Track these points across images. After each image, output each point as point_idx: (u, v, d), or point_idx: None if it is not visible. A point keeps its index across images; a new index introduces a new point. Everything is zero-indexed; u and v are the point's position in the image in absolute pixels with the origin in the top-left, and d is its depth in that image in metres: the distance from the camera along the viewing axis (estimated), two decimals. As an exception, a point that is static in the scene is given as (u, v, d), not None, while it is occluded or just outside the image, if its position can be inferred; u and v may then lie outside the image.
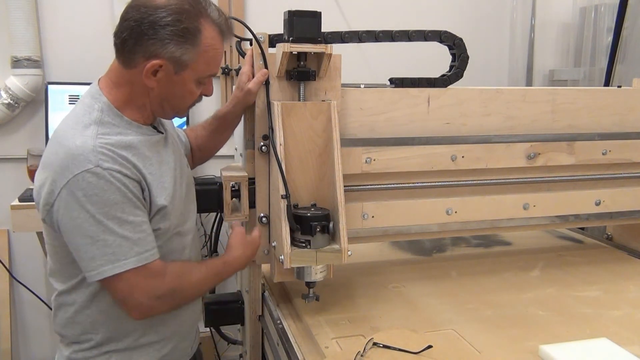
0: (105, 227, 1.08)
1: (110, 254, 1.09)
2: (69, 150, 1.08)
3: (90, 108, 1.16)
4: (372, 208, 1.47)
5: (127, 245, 1.10)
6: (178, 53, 1.12)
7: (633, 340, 1.25)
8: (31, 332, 2.66)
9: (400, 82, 1.49)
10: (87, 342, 1.23)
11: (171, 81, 1.16)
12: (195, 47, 1.13)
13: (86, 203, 1.07)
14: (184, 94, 1.20)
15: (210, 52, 1.16)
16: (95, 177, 1.06)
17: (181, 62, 1.14)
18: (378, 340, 1.16)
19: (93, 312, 1.21)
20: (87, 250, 1.09)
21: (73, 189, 1.07)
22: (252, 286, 1.52)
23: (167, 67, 1.13)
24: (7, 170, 2.50)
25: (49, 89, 2.39)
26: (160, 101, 1.20)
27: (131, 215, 1.11)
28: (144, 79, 1.14)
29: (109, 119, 1.15)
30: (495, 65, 3.07)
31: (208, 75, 1.21)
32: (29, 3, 2.36)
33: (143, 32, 1.11)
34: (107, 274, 1.10)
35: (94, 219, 1.07)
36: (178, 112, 1.26)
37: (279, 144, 1.29)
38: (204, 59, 1.16)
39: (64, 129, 1.14)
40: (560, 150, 1.59)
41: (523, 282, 1.61)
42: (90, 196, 1.07)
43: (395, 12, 2.87)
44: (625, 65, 2.41)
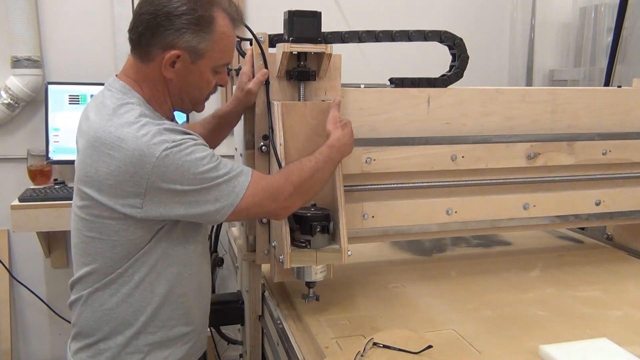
0: (208, 177, 1.13)
1: (228, 186, 1.14)
2: (138, 141, 1.09)
3: (129, 103, 1.16)
4: (372, 208, 1.47)
5: (233, 174, 1.15)
6: (194, 42, 1.14)
7: (633, 340, 1.24)
8: (31, 332, 2.66)
9: (400, 82, 1.49)
10: (121, 335, 1.22)
11: (189, 71, 1.18)
12: (210, 35, 1.15)
13: (182, 172, 1.10)
14: (201, 84, 1.22)
15: (225, 40, 1.18)
16: (176, 149, 1.10)
17: (198, 51, 1.15)
18: (378, 340, 1.16)
19: (130, 304, 1.21)
20: (207, 199, 1.14)
21: (163, 169, 1.09)
22: (252, 286, 1.52)
23: (185, 57, 1.15)
24: (7, 170, 2.50)
25: (49, 89, 2.39)
26: (179, 92, 1.22)
27: (214, 161, 1.15)
28: (163, 71, 1.16)
29: (149, 112, 1.17)
30: (495, 65, 3.07)
31: (223, 64, 1.22)
32: (29, 3, 2.36)
33: (159, 24, 1.12)
34: (237, 201, 1.15)
35: (197, 178, 1.11)
36: (196, 104, 1.27)
37: (279, 144, 1.29)
38: (219, 47, 1.17)
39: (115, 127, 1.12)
40: (560, 150, 1.59)
41: (523, 282, 1.61)
42: (181, 164, 1.10)
43: (395, 12, 2.87)
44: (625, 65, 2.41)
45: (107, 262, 1.19)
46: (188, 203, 1.14)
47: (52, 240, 2.52)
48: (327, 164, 1.27)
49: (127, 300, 1.21)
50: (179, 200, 1.13)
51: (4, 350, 2.53)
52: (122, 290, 1.21)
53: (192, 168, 1.11)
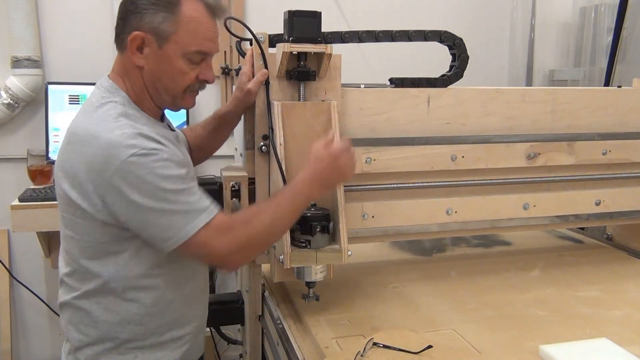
0: (167, 200, 1.09)
1: (182, 219, 1.10)
2: (108, 140, 1.08)
3: (112, 102, 1.15)
4: (372, 208, 1.47)
5: (192, 208, 1.11)
6: (156, 22, 1.12)
7: (633, 340, 1.24)
8: (31, 332, 2.66)
9: (400, 82, 1.49)
10: (110, 342, 1.22)
11: (158, 57, 1.15)
12: (174, 16, 1.12)
13: (142, 184, 1.07)
14: (173, 72, 1.16)
15: (193, 24, 1.14)
16: (144, 158, 1.07)
17: (160, 32, 1.13)
18: (378, 340, 1.16)
19: (124, 309, 1.20)
20: (159, 223, 1.10)
21: (124, 175, 1.07)
22: (252, 286, 1.52)
23: (150, 41, 1.13)
24: (7, 170, 2.50)
25: (49, 89, 2.39)
26: (153, 82, 1.18)
27: (182, 183, 1.11)
28: (132, 57, 1.15)
29: (132, 112, 1.16)
30: (495, 65, 3.07)
31: (195, 51, 1.16)
32: (29, 3, 2.36)
33: (127, 10, 1.14)
34: (184, 239, 1.10)
35: (155, 195, 1.08)
36: (175, 98, 1.21)
37: (279, 144, 1.29)
38: (185, 31, 1.13)
39: (91, 123, 1.12)
40: (560, 150, 1.59)
41: (523, 282, 1.61)
42: (143, 176, 1.07)
43: (395, 12, 2.87)
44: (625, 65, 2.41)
45: (82, 264, 1.19)
46: (139, 220, 1.11)
47: (52, 240, 2.51)
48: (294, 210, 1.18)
49: (112, 309, 1.20)
50: (133, 213, 1.10)
51: (4, 350, 2.53)
52: (105, 299, 1.19)
53: (155, 182, 1.08)
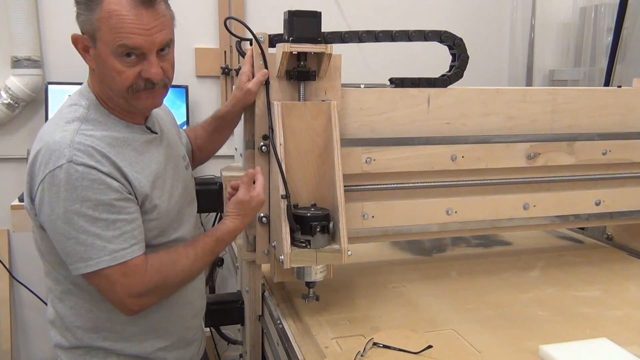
0: (76, 225, 1.06)
1: (83, 252, 1.07)
2: (47, 144, 1.07)
3: (77, 105, 1.15)
4: (372, 208, 1.47)
5: (100, 244, 1.07)
6: (85, 24, 1.10)
7: (633, 340, 1.24)
8: (31, 332, 2.66)
9: (400, 82, 1.49)
10: (84, 348, 1.22)
11: (96, 57, 1.12)
12: (94, 15, 1.08)
13: (58, 200, 1.05)
14: (110, 72, 1.11)
15: (114, 19, 1.07)
16: (66, 174, 1.04)
17: (89, 33, 1.10)
18: (378, 340, 1.16)
19: (95, 315, 1.20)
20: (62, 247, 1.09)
21: (49, 185, 1.06)
22: (252, 286, 1.52)
23: (87, 41, 1.12)
24: (7, 170, 2.51)
25: (49, 89, 2.39)
26: (102, 84, 1.16)
27: (104, 212, 1.07)
28: (84, 60, 1.15)
29: (96, 116, 1.14)
30: (495, 65, 3.07)
31: (119, 46, 1.08)
32: (29, 3, 2.36)
33: None
34: (82, 271, 1.09)
35: (65, 216, 1.05)
36: (126, 99, 1.14)
37: (279, 144, 1.29)
38: (107, 27, 1.07)
39: (47, 125, 1.14)
40: (560, 150, 1.59)
41: (523, 282, 1.61)
42: (61, 192, 1.05)
43: (395, 12, 2.87)
44: (625, 65, 2.41)
45: (52, 267, 1.19)
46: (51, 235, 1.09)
47: (52, 240, 2.52)
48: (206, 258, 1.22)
49: (84, 315, 1.20)
50: (46, 224, 1.08)
51: (4, 350, 2.53)
52: (75, 304, 1.20)
53: (69, 201, 1.04)
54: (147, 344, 1.24)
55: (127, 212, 1.11)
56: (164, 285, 1.17)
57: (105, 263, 1.08)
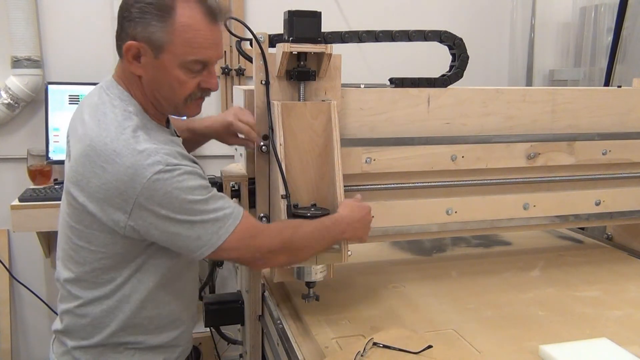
0: (195, 211, 1.10)
1: (212, 226, 1.11)
2: (132, 159, 1.06)
3: (127, 111, 1.14)
4: (372, 208, 1.45)
5: (220, 214, 1.12)
6: (148, 32, 1.09)
7: (633, 340, 1.24)
8: (31, 332, 2.66)
9: (400, 82, 1.49)
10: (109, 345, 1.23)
11: (154, 67, 1.12)
12: (167, 26, 1.08)
13: (170, 199, 1.08)
14: (171, 82, 1.14)
15: (189, 33, 1.10)
16: (169, 174, 1.07)
17: (154, 42, 1.10)
18: (378, 340, 1.16)
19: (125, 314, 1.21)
20: (190, 234, 1.11)
21: (152, 192, 1.07)
22: (252, 286, 1.52)
23: (146, 50, 1.11)
24: (7, 170, 2.50)
25: (49, 89, 2.39)
26: (152, 91, 1.17)
27: (207, 193, 1.12)
28: (129, 67, 1.13)
29: (146, 122, 1.15)
30: (495, 65, 3.07)
31: (193, 60, 1.12)
32: (29, 3, 2.36)
33: (123, 17, 1.11)
34: (218, 244, 1.12)
35: (183, 209, 1.09)
36: (176, 107, 1.19)
37: (279, 144, 1.29)
38: (181, 40, 1.09)
39: (111, 138, 1.09)
40: (560, 150, 1.59)
41: (523, 282, 1.61)
42: (171, 192, 1.07)
43: (395, 12, 2.87)
44: (625, 65, 2.41)
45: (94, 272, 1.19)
46: (170, 233, 1.11)
47: (52, 240, 2.52)
48: (325, 237, 1.23)
49: (115, 313, 1.21)
50: (162, 226, 1.10)
51: (4, 350, 2.53)
52: (110, 305, 1.20)
53: (182, 196, 1.08)
54: (163, 336, 1.27)
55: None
56: (290, 244, 1.19)
57: (232, 225, 1.13)
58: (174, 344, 1.30)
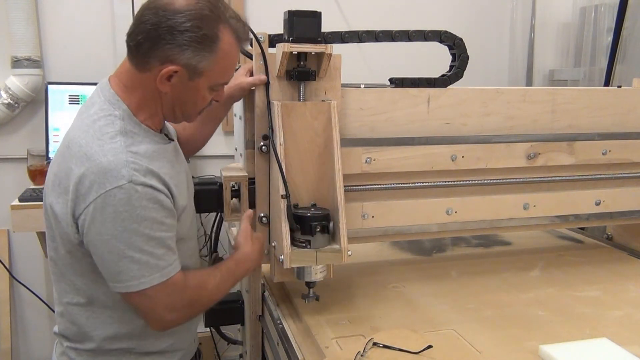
0: (132, 244, 1.06)
1: (136, 270, 1.08)
2: (100, 164, 1.05)
3: (112, 116, 1.12)
4: (372, 208, 1.47)
5: (153, 262, 1.09)
6: (195, 60, 1.10)
7: (633, 340, 1.24)
8: (31, 332, 2.66)
9: (400, 82, 1.49)
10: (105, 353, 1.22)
11: (185, 87, 1.14)
12: (212, 55, 1.11)
13: (116, 219, 1.05)
14: (196, 100, 1.18)
15: (227, 60, 1.15)
16: (127, 194, 1.04)
17: (197, 69, 1.11)
18: (378, 340, 1.16)
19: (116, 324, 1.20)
20: (114, 265, 1.08)
21: (104, 204, 1.04)
22: (252, 286, 1.52)
23: (182, 73, 1.11)
24: (7, 170, 2.50)
25: (49, 89, 2.39)
26: (172, 106, 1.18)
27: (158, 230, 1.09)
28: (158, 84, 1.12)
29: (131, 128, 1.13)
30: (495, 65, 3.07)
31: (222, 83, 1.20)
32: (29, 3, 2.36)
33: (160, 37, 1.07)
34: (132, 290, 1.09)
35: (122, 235, 1.06)
36: (189, 118, 1.23)
37: (279, 144, 1.29)
38: (219, 67, 1.14)
39: (86, 139, 1.09)
40: (560, 150, 1.59)
41: (523, 282, 1.61)
42: (120, 212, 1.05)
43: (395, 12, 2.87)
44: (625, 65, 2.41)
45: (68, 277, 1.18)
46: (99, 254, 1.09)
47: (52, 240, 2.52)
48: (230, 280, 1.27)
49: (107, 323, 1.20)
50: (95, 244, 1.08)
51: (4, 350, 2.53)
52: (101, 314, 1.19)
53: (126, 222, 1.05)
54: (160, 342, 1.26)
55: (173, 228, 1.14)
56: (198, 302, 1.20)
57: (157, 280, 1.09)
58: (173, 349, 1.29)
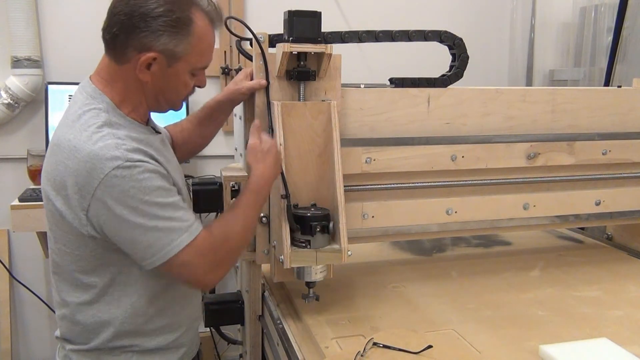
0: (150, 215, 1.07)
1: (165, 237, 1.08)
2: (91, 152, 1.06)
3: (96, 109, 1.13)
4: (372, 208, 1.47)
5: (177, 225, 1.09)
6: (171, 45, 1.10)
7: (633, 340, 1.25)
8: (31, 332, 2.66)
9: (400, 82, 1.49)
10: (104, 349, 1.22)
11: (165, 74, 1.14)
12: (187, 38, 1.11)
13: (126, 198, 1.06)
14: (178, 86, 1.17)
15: (204, 42, 1.14)
16: (128, 171, 1.05)
17: (175, 54, 1.11)
18: (378, 340, 1.16)
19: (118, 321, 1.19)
20: (142, 240, 1.08)
21: (108, 188, 1.05)
22: (252, 286, 1.52)
23: (161, 60, 1.11)
24: (7, 170, 2.50)
25: (49, 89, 2.39)
26: (155, 95, 1.18)
27: (168, 196, 1.10)
28: (138, 73, 1.13)
29: (116, 120, 1.13)
30: (495, 65, 3.07)
31: (202, 67, 1.18)
32: (29, 3, 2.36)
33: (134, 25, 1.08)
34: (168, 256, 1.09)
35: (138, 210, 1.06)
36: (174, 105, 1.23)
37: (279, 144, 1.29)
38: (197, 50, 1.14)
39: (73, 133, 1.10)
40: (560, 150, 1.59)
41: (523, 282, 1.61)
42: (128, 190, 1.05)
43: (395, 12, 2.87)
44: (625, 65, 2.41)
45: (74, 275, 1.18)
46: (122, 237, 1.09)
47: (52, 240, 2.52)
48: (254, 214, 1.23)
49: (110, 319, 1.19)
50: (116, 227, 1.08)
51: (4, 350, 2.53)
52: (98, 308, 1.19)
53: (138, 195, 1.06)
54: (161, 338, 1.25)
55: (178, 195, 1.15)
56: (231, 252, 1.19)
57: (186, 240, 1.10)
58: (175, 346, 1.28)
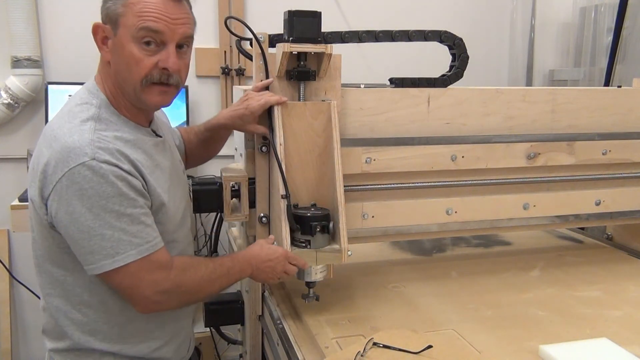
0: (102, 220, 1.05)
1: (109, 248, 1.06)
2: (65, 143, 1.06)
3: (88, 104, 1.14)
4: (372, 208, 1.47)
5: (126, 239, 1.07)
6: (111, 10, 1.10)
7: (633, 340, 1.24)
8: (31, 332, 2.66)
9: (400, 82, 1.49)
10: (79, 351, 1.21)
11: (115, 46, 1.12)
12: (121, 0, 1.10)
13: (82, 196, 1.04)
14: (127, 60, 1.11)
15: (140, 4, 1.09)
16: (91, 170, 1.04)
17: (112, 17, 1.10)
18: (378, 340, 1.16)
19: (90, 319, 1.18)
20: (85, 245, 1.07)
21: (69, 183, 1.04)
22: (252, 286, 1.52)
23: (108, 30, 1.12)
24: (7, 170, 2.51)
25: (49, 89, 2.39)
26: (116, 77, 1.15)
27: (129, 207, 1.07)
28: (101, 52, 1.14)
29: (107, 116, 1.14)
30: (495, 65, 3.07)
31: (141, 28, 1.08)
32: (29, 3, 2.36)
33: (103, 5, 1.13)
34: (107, 268, 1.07)
35: (91, 212, 1.05)
36: (136, 92, 1.13)
37: (279, 144, 1.29)
38: (132, 12, 1.09)
39: (59, 123, 1.11)
40: (560, 150, 1.59)
41: (523, 282, 1.61)
42: (86, 189, 1.04)
43: (395, 12, 2.87)
44: (625, 65, 2.41)
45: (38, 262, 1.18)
46: (70, 235, 1.07)
47: (52, 240, 2.52)
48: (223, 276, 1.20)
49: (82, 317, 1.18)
50: (66, 224, 1.06)
51: (4, 350, 2.53)
52: (75, 307, 1.18)
53: (96, 197, 1.04)
54: (143, 346, 1.24)
55: (147, 207, 1.13)
56: (185, 287, 1.16)
57: (132, 257, 1.07)
58: (159, 356, 1.26)
